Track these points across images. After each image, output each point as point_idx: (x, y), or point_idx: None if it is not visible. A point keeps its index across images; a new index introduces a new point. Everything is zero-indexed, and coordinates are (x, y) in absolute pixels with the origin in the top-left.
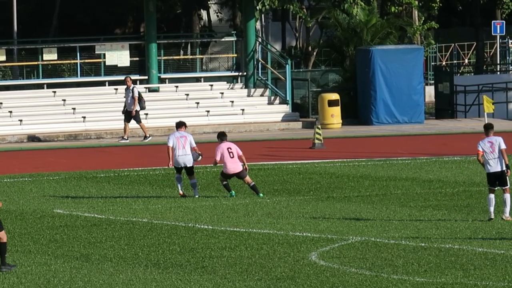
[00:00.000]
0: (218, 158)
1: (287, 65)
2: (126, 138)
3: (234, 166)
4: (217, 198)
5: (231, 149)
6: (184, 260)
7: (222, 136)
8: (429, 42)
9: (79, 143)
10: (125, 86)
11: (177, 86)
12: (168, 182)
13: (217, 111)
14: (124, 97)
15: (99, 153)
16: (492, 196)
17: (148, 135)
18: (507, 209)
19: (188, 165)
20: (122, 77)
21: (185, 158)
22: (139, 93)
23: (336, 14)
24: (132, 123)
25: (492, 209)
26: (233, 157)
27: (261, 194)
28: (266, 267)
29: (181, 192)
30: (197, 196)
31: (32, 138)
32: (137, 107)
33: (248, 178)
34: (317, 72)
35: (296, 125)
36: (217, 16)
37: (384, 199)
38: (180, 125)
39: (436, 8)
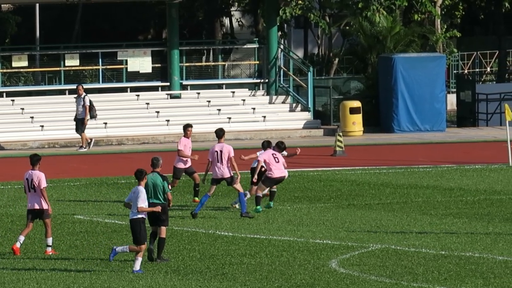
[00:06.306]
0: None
1: (309, 72)
2: (84, 146)
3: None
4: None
5: (275, 155)
6: (204, 267)
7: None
8: (452, 51)
9: (100, 149)
10: (76, 95)
11: (198, 93)
12: (188, 189)
13: (239, 118)
14: (76, 105)
15: (120, 159)
16: None
17: (85, 146)
18: None
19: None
20: (144, 84)
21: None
22: (90, 102)
23: (360, 21)
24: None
25: None
26: (278, 162)
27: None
28: (286, 274)
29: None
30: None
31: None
32: (88, 116)
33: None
34: (339, 80)
35: (317, 133)
36: (239, 24)
37: (404, 207)
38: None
39: (458, 16)
